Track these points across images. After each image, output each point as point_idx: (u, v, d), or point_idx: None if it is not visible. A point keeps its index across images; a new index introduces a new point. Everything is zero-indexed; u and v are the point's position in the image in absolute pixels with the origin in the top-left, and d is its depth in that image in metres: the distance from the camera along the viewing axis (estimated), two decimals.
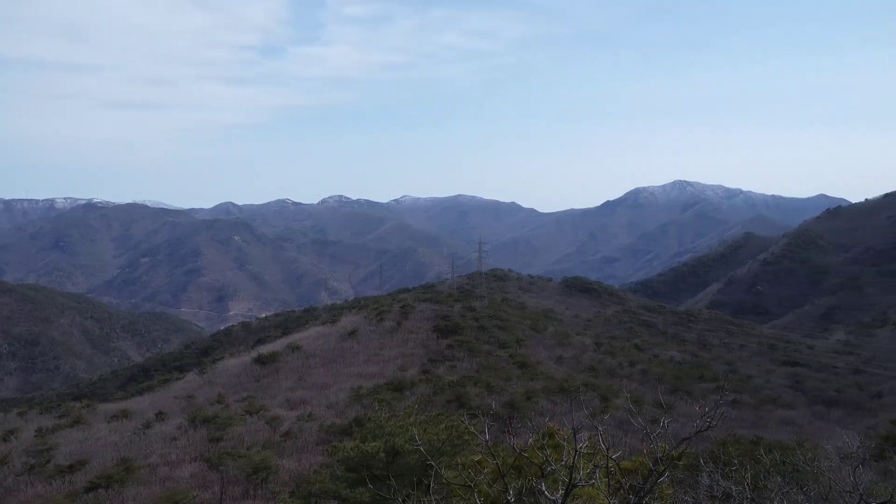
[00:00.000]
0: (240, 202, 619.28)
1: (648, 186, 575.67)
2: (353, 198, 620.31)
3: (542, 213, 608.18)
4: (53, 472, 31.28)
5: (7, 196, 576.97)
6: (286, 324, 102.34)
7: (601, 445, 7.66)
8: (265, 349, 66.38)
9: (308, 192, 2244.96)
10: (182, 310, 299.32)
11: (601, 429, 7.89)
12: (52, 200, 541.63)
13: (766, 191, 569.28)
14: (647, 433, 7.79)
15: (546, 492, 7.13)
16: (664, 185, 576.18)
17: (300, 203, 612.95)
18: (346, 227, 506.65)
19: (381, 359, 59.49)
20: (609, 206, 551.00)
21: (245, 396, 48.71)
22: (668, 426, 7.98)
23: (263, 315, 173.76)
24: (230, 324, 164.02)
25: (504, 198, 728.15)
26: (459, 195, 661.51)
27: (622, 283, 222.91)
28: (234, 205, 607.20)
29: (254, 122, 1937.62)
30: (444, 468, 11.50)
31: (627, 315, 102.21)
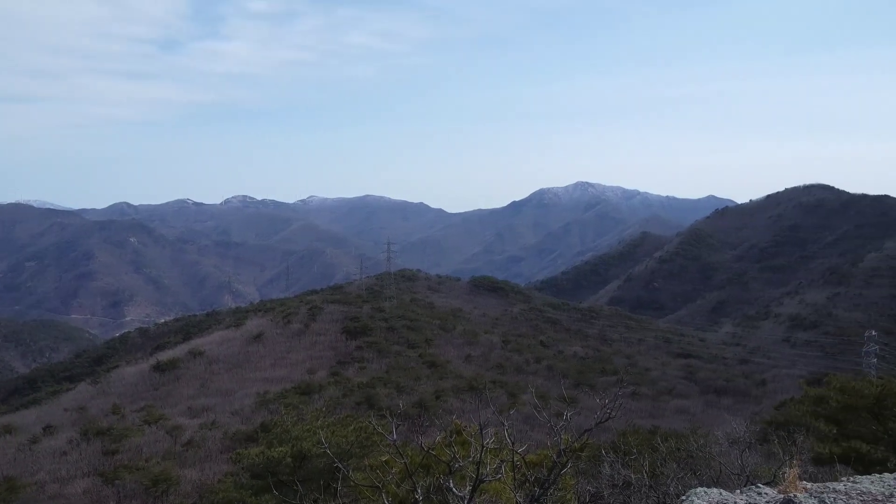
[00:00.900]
0: (136, 202, 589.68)
1: (553, 187, 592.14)
2: (259, 198, 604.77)
3: (451, 214, 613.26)
4: None
5: None
6: (188, 329, 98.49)
7: (507, 440, 7.79)
8: (165, 355, 63.71)
9: (210, 192, 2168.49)
10: (73, 316, 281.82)
11: (508, 424, 8.03)
12: None
13: (662, 192, 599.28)
14: (552, 426, 8.00)
15: (454, 488, 7.18)
16: (567, 187, 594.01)
17: (202, 203, 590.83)
18: (251, 228, 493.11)
19: (289, 362, 58.34)
20: (515, 207, 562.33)
21: (143, 406, 46.60)
22: (572, 419, 8.22)
23: (163, 320, 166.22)
24: (126, 330, 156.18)
25: (412, 198, 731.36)
26: (368, 195, 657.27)
27: (528, 282, 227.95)
28: (130, 205, 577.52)
29: (152, 119, 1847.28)
30: (353, 470, 11.39)
31: (533, 313, 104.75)
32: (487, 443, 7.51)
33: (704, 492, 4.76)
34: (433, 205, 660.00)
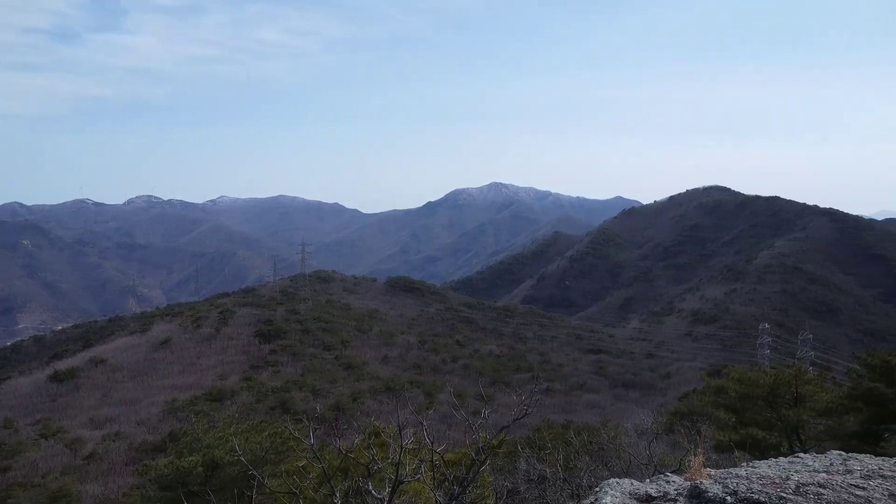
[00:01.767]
0: (28, 202, 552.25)
1: (467, 188, 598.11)
2: (165, 198, 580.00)
3: (366, 214, 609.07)
4: None
5: None
6: (88, 335, 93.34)
7: (426, 440, 7.82)
8: (63, 365, 60.20)
9: (112, 192, 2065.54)
10: None
11: (426, 424, 8.06)
12: None
13: (573, 193, 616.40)
14: (470, 425, 8.08)
15: (373, 491, 7.14)
16: (482, 187, 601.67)
17: (102, 203, 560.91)
18: (157, 230, 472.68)
19: (199, 368, 56.37)
20: (431, 207, 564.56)
21: (39, 419, 43.86)
22: (489, 417, 8.33)
23: (60, 327, 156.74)
24: (19, 338, 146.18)
25: (327, 198, 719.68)
26: (281, 195, 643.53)
27: (444, 282, 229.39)
28: (22, 205, 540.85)
29: (46, 114, 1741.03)
30: (269, 477, 11.13)
31: (449, 312, 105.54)
32: (406, 443, 7.51)
33: (616, 482, 4.93)
34: (348, 205, 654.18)
